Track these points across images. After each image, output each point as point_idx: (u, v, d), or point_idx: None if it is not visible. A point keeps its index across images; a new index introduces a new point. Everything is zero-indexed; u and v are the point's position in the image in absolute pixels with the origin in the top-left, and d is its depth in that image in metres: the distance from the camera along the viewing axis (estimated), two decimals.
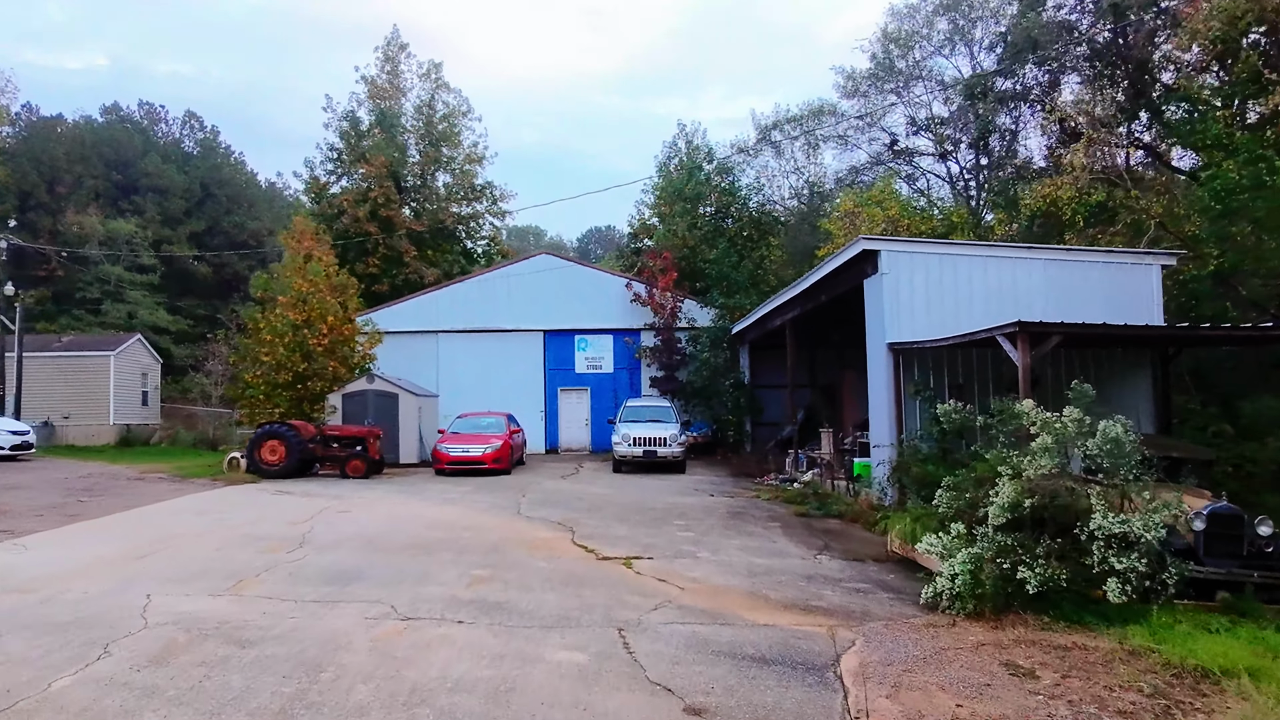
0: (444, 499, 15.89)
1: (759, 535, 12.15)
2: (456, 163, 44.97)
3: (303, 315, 23.83)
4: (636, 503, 15.45)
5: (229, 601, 7.92)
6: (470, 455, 20.53)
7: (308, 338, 23.50)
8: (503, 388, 28.96)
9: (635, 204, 61.66)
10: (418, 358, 29.22)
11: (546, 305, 29.73)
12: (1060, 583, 7.75)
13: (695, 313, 29.12)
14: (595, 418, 29.43)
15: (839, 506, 14.33)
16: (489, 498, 16.11)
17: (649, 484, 18.84)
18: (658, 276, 29.35)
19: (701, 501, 15.83)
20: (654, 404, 24.00)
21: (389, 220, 38.14)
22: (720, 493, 17.35)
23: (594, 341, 29.94)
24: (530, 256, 30.90)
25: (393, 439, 23.49)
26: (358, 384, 23.65)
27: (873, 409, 14.12)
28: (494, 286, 29.98)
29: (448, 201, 44.18)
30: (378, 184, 37.64)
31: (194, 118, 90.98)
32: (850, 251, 13.95)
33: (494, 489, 17.69)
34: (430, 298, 30.08)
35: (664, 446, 21.08)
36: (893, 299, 13.29)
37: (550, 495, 16.62)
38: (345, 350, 24.10)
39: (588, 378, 29.88)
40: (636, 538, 11.75)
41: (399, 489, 17.70)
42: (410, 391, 23.94)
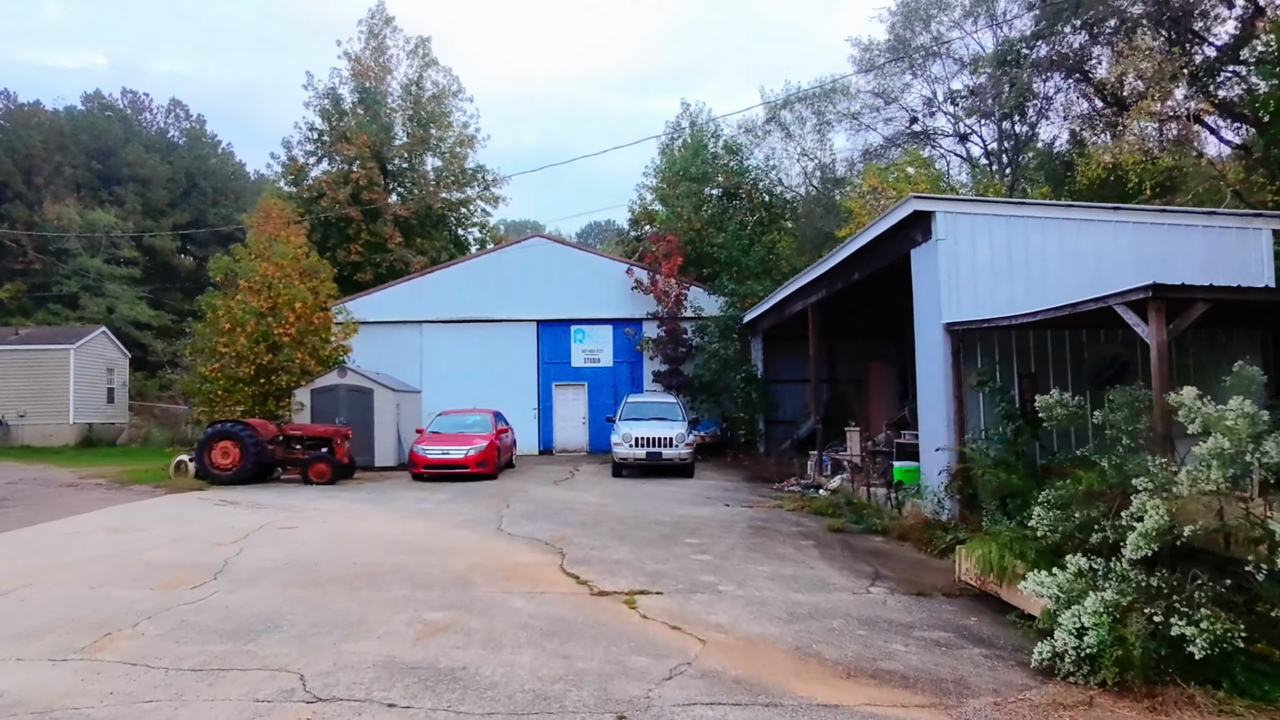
0: (415, 510, 13.71)
1: (792, 559, 9.98)
2: (446, 145, 42.84)
3: (268, 302, 21.68)
4: (639, 515, 13.28)
5: (72, 671, 5.74)
6: (450, 458, 18.36)
7: (272, 327, 21.36)
8: (492, 383, 26.80)
9: (635, 188, 59.43)
10: (399, 350, 27.05)
11: (540, 293, 27.56)
12: (1235, 642, 5.59)
13: (702, 301, 26.94)
14: (593, 416, 27.26)
15: (881, 521, 12.15)
16: (467, 508, 13.94)
17: (653, 491, 16.68)
18: (661, 262, 27.17)
19: (716, 513, 13.66)
20: (658, 400, 21.83)
21: (372, 204, 35.96)
22: (736, 502, 15.18)
23: (592, 332, 27.76)
24: (522, 240, 28.75)
25: (367, 439, 21.33)
26: (328, 378, 21.49)
27: (923, 404, 11.95)
28: (482, 272, 27.80)
29: (437, 187, 42.01)
30: (360, 165, 35.44)
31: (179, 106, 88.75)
32: (897, 214, 11.76)
33: (475, 497, 15.53)
34: (413, 285, 27.91)
35: (670, 447, 18.91)
36: (950, 270, 11.11)
37: (539, 505, 14.45)
38: (315, 341, 21.94)
39: (585, 372, 27.71)
40: (641, 562, 9.58)
41: (366, 497, 15.53)
42: (387, 386, 21.77)
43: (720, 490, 17.04)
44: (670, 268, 26.90)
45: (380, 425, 21.53)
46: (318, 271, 23.04)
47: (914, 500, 12.36)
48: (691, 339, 26.68)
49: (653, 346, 26.89)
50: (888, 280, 15.38)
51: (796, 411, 26.33)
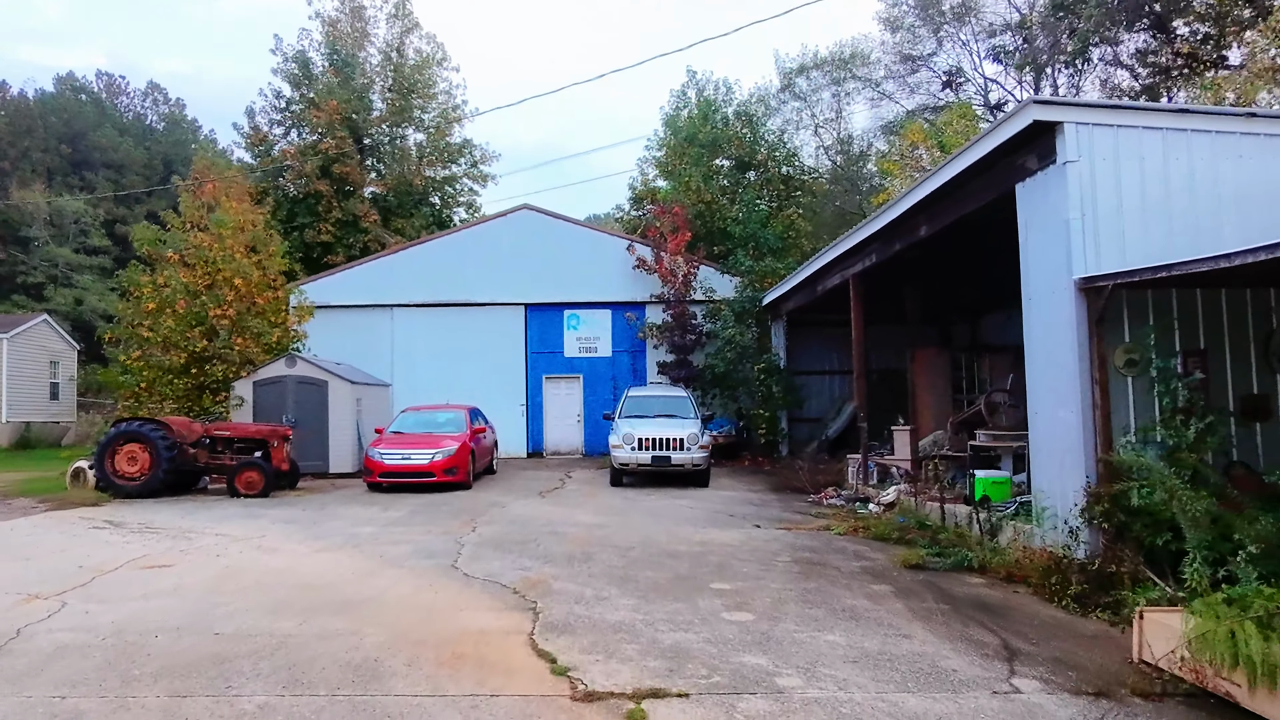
0: (349, 536, 10.61)
1: (872, 618, 6.89)
2: (429, 118, 39.69)
3: (204, 279, 18.58)
4: (646, 542, 10.19)
5: None
6: (412, 464, 15.27)
7: (208, 307, 18.25)
8: (473, 375, 23.71)
9: (637, 163, 56.10)
10: (367, 338, 23.96)
11: (529, 272, 24.44)
12: None
13: (714, 281, 23.83)
14: (589, 413, 24.16)
15: (974, 554, 9.03)
16: (421, 532, 10.85)
17: (662, 505, 13.60)
18: (667, 237, 24.06)
19: (746, 539, 10.56)
20: (666, 393, 18.73)
21: (345, 179, 32.83)
22: (768, 521, 12.08)
23: (588, 318, 24.65)
24: (508, 212, 25.64)
25: (320, 441, 18.25)
26: (273, 368, 18.39)
27: (1037, 393, 8.85)
28: (463, 249, 24.68)
29: (420, 163, 38.88)
30: (330, 134, 32.27)
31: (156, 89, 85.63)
32: (1005, 131, 8.62)
33: (436, 515, 12.43)
34: (383, 263, 24.78)
35: (680, 450, 15.81)
36: (1085, 205, 8.01)
37: (516, 527, 11.35)
38: (259, 325, 18.81)
39: (580, 363, 24.60)
40: (651, 628, 6.49)
41: (297, 515, 12.44)
42: (345, 378, 18.67)
43: (744, 504, 13.94)
44: (677, 243, 23.80)
45: (336, 424, 18.44)
46: (266, 243, 19.90)
47: (1016, 524, 9.26)
48: (702, 325, 23.59)
49: (657, 333, 23.79)
50: (963, 237, 12.31)
51: (824, 407, 23.24)
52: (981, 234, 12.61)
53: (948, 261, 16.08)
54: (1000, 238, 12.95)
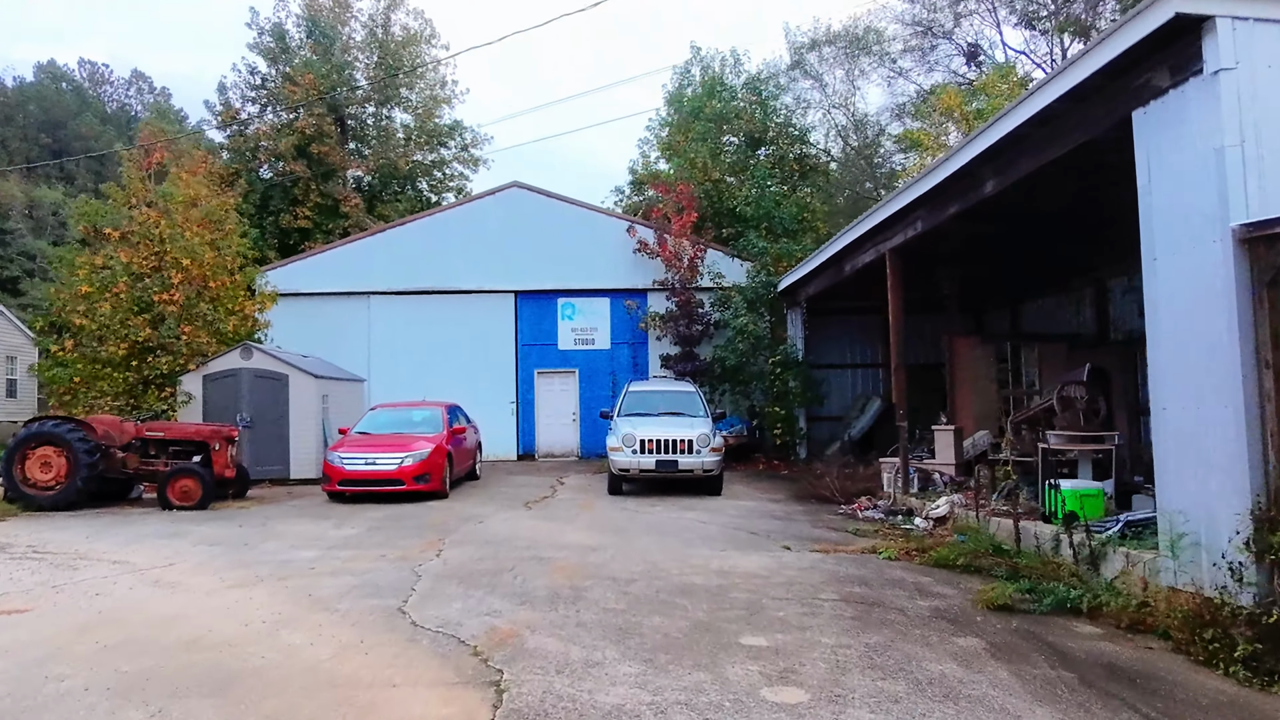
0: (280, 564, 8.60)
1: (973, 698, 4.90)
2: (417, 99, 37.69)
3: (149, 260, 16.59)
4: (651, 572, 8.19)
5: None
6: (377, 470, 13.28)
7: (151, 291, 16.26)
8: (458, 370, 21.74)
9: (638, 144, 53.95)
10: (341, 329, 21.96)
11: (520, 257, 22.44)
12: None
13: (724, 266, 21.82)
14: (586, 411, 22.17)
15: (1077, 591, 7.03)
16: (371, 558, 8.85)
17: (669, 519, 11.60)
18: (671, 218, 22.08)
19: (777, 565, 8.56)
20: (672, 388, 16.73)
21: (323, 160, 30.80)
22: (799, 540, 10.08)
23: (584, 306, 22.66)
24: (497, 190, 23.64)
25: (279, 443, 16.27)
26: (226, 360, 16.39)
27: (1163, 382, 6.82)
28: (447, 231, 22.67)
29: (408, 146, 36.87)
30: (307, 111, 30.24)
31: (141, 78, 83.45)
32: (1131, 34, 6.58)
33: (397, 532, 10.44)
34: (360, 246, 22.76)
35: (689, 454, 13.80)
36: (1245, 125, 6.00)
37: (490, 550, 9.34)
38: (213, 312, 16.79)
39: (576, 356, 22.59)
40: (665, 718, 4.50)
41: (228, 535, 10.44)
42: (309, 371, 16.66)
43: (766, 518, 11.93)
44: (683, 225, 21.81)
45: (298, 423, 16.43)
46: (223, 221, 17.88)
47: (1128, 552, 7.25)
48: (710, 313, 21.59)
49: (661, 323, 21.79)
50: (1036, 195, 10.33)
51: (845, 404, 21.26)
52: (1052, 191, 10.63)
53: (990, 240, 14.09)
54: (1077, 194, 11.02)
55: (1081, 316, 16.66)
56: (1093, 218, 12.31)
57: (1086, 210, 11.84)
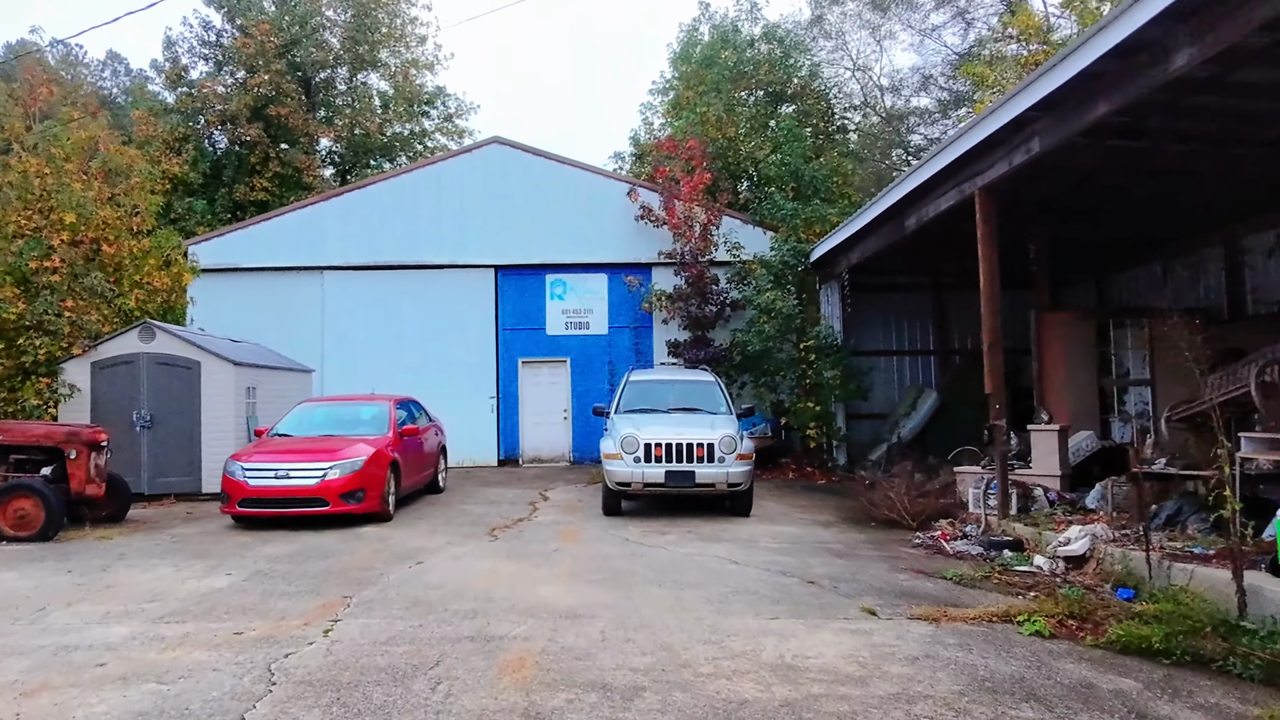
0: (59, 650, 5.41)
1: None
2: (395, 65, 34.41)
3: (25, 219, 13.39)
4: (668, 672, 4.99)
5: None
6: (290, 485, 10.05)
7: (26, 256, 13.06)
8: (428, 359, 18.57)
9: (640, 109, 50.31)
10: (290, 310, 18.76)
11: (501, 226, 19.20)
12: None
13: (743, 235, 18.57)
14: (579, 407, 18.93)
15: None
16: (209, 643, 5.64)
17: (687, 558, 8.38)
18: (680, 179, 18.83)
19: (872, 654, 5.34)
20: (685, 378, 13.48)
21: (283, 124, 27.54)
22: (885, 596, 6.85)
23: (577, 284, 19.41)
24: (475, 147, 20.44)
25: (188, 448, 13.07)
26: (120, 343, 13.18)
27: None
28: (414, 195, 19.42)
29: (385, 115, 33.58)
30: (263, 66, 26.95)
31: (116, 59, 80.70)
32: None
33: (287, 585, 7.22)
34: (310, 213, 19.48)
35: (711, 463, 10.56)
36: None
37: (411, 620, 6.14)
38: (102, 284, 13.55)
39: (567, 342, 19.35)
40: None
41: (30, 589, 7.24)
42: (227, 358, 13.44)
43: (821, 551, 8.69)
44: (694, 187, 18.56)
45: (213, 423, 13.20)
46: (128, 173, 14.66)
47: None
48: (727, 290, 18.36)
49: (668, 303, 18.55)
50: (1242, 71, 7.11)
51: (890, 399, 18.03)
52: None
53: (1099, 183, 10.87)
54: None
55: (1204, 285, 13.43)
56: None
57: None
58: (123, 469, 12.60)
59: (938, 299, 18.29)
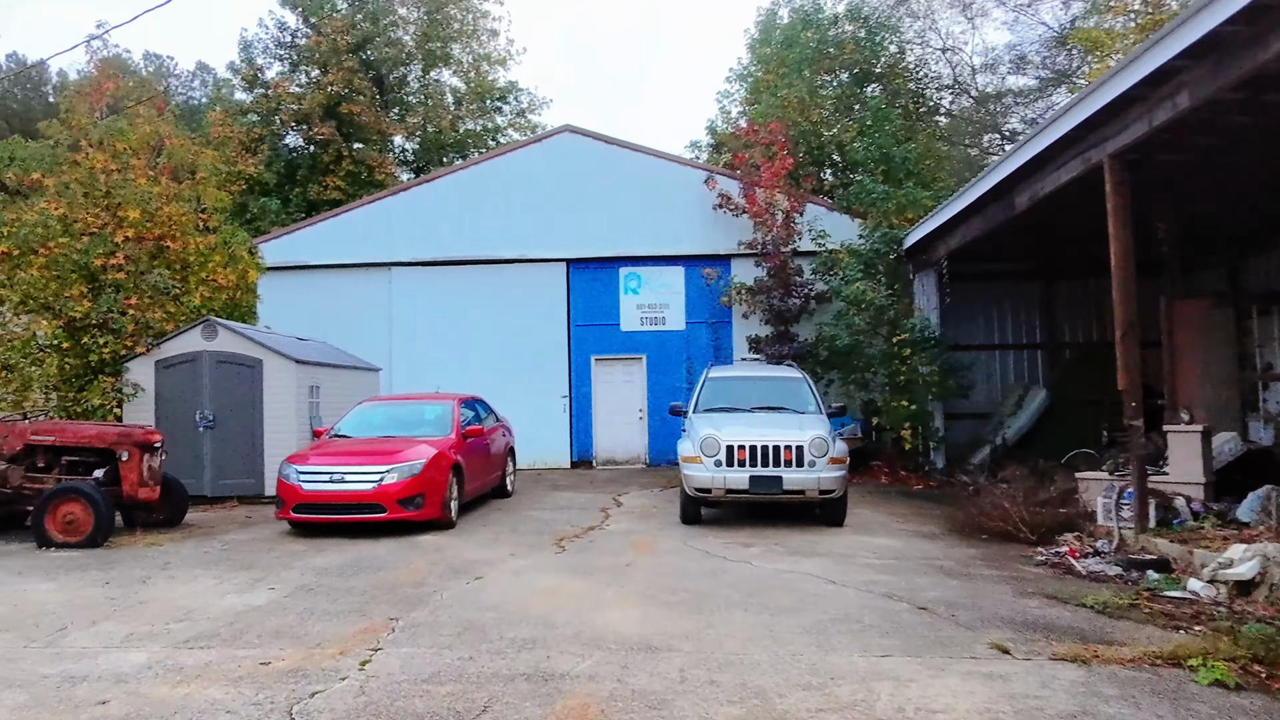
0: (63, 683, 4.82)
1: None
2: (467, 61, 34.25)
3: (92, 216, 13.24)
4: None
5: None
6: (346, 490, 9.47)
7: (93, 253, 12.89)
8: (498, 357, 18.03)
9: (717, 98, 49.12)
10: (359, 308, 18.47)
11: (573, 218, 18.52)
12: None
13: (829, 223, 17.47)
14: (655, 406, 18.12)
15: None
16: (231, 673, 4.97)
17: (777, 576, 7.45)
18: (761, 165, 17.84)
19: (1014, 708, 4.32)
20: (769, 374, 12.53)
21: (355, 122, 27.49)
22: (1014, 627, 5.81)
23: (652, 277, 18.60)
24: (545, 136, 19.84)
25: (251, 449, 12.69)
26: (183, 341, 12.89)
27: None
28: (483, 188, 18.89)
29: (457, 110, 33.39)
30: (335, 62, 26.94)
31: (205, 69, 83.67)
32: None
33: (329, 603, 6.56)
34: (378, 208, 19.12)
35: (800, 467, 9.59)
36: None
37: (459, 650, 5.38)
38: (166, 280, 13.27)
39: (643, 339, 18.55)
40: None
41: (55, 606, 6.75)
42: (289, 356, 13.03)
43: (930, 569, 7.64)
44: (775, 173, 17.54)
45: (275, 424, 12.81)
46: (194, 168, 14.45)
47: None
48: (811, 282, 17.29)
49: (748, 297, 17.60)
50: None
51: (991, 398, 16.72)
52: None
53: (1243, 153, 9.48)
54: None
55: None
56: None
57: None
58: (185, 470, 12.33)
59: (1046, 288, 16.86)
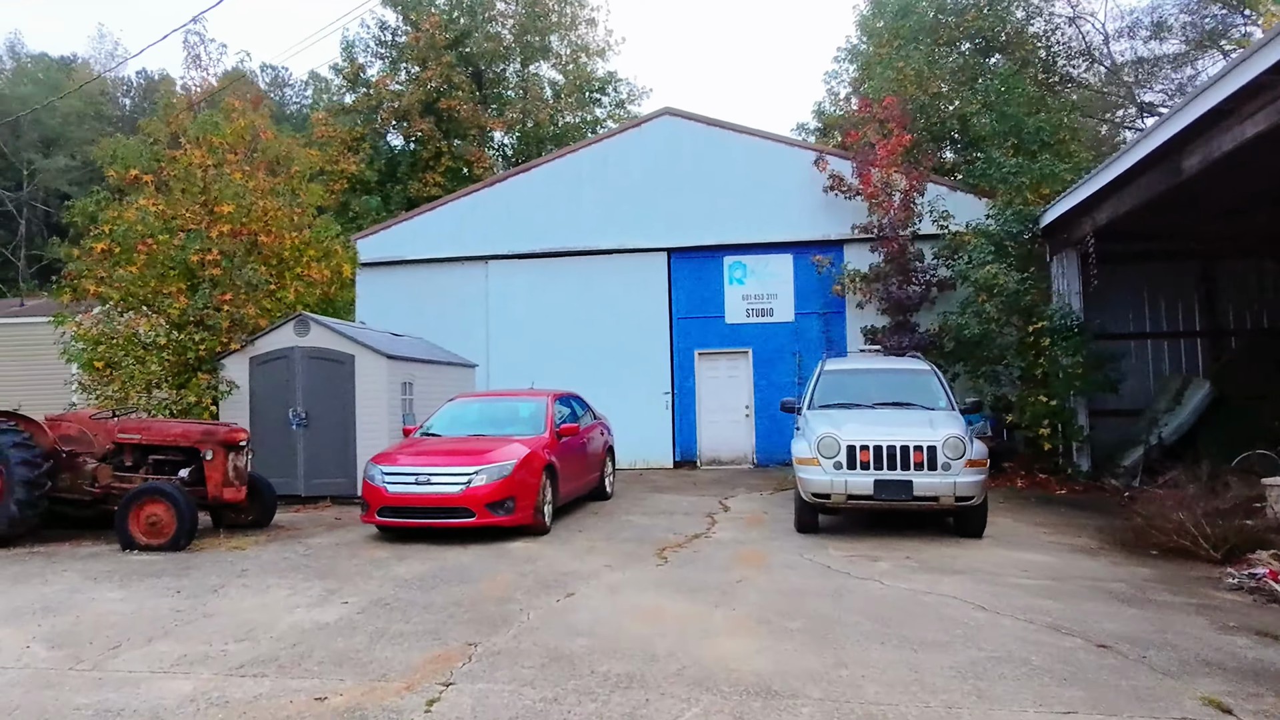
0: (98, 713, 4.22)
1: None
2: (566, 53, 33.85)
3: (189, 213, 13.17)
4: None
5: None
6: (431, 492, 8.85)
7: (189, 249, 12.80)
8: (597, 351, 17.37)
9: (823, 79, 47.38)
10: (455, 303, 18.12)
11: (673, 205, 17.68)
12: None
13: (951, 203, 16.10)
14: (762, 403, 17.12)
15: None
16: (282, 709, 4.29)
17: (912, 599, 6.41)
18: (876, 143, 16.59)
19: None
20: (893, 366, 11.35)
21: (454, 117, 27.36)
22: (1230, 677, 4.66)
23: (759, 266, 17.57)
24: (643, 121, 19.05)
25: (343, 447, 12.33)
26: (276, 337, 12.64)
27: None
28: (579, 176, 18.24)
29: (556, 103, 33.02)
30: (433, 58, 26.86)
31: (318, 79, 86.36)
32: None
33: (404, 622, 5.89)
34: (473, 202, 18.68)
35: (934, 471, 8.46)
36: None
37: (542, 687, 4.59)
38: (257, 275, 13.06)
39: (748, 331, 17.55)
40: None
41: (118, 617, 6.31)
42: (381, 351, 12.63)
43: (1099, 594, 6.45)
44: (891, 150, 16.26)
45: (366, 420, 12.43)
46: (290, 160, 14.28)
47: None
48: (934, 267, 15.96)
49: (863, 285, 16.38)
50: None
51: (1140, 392, 15.04)
52: None
53: None
54: None
55: None
56: None
57: None
58: (278, 469, 12.10)
59: (1205, 267, 15.05)
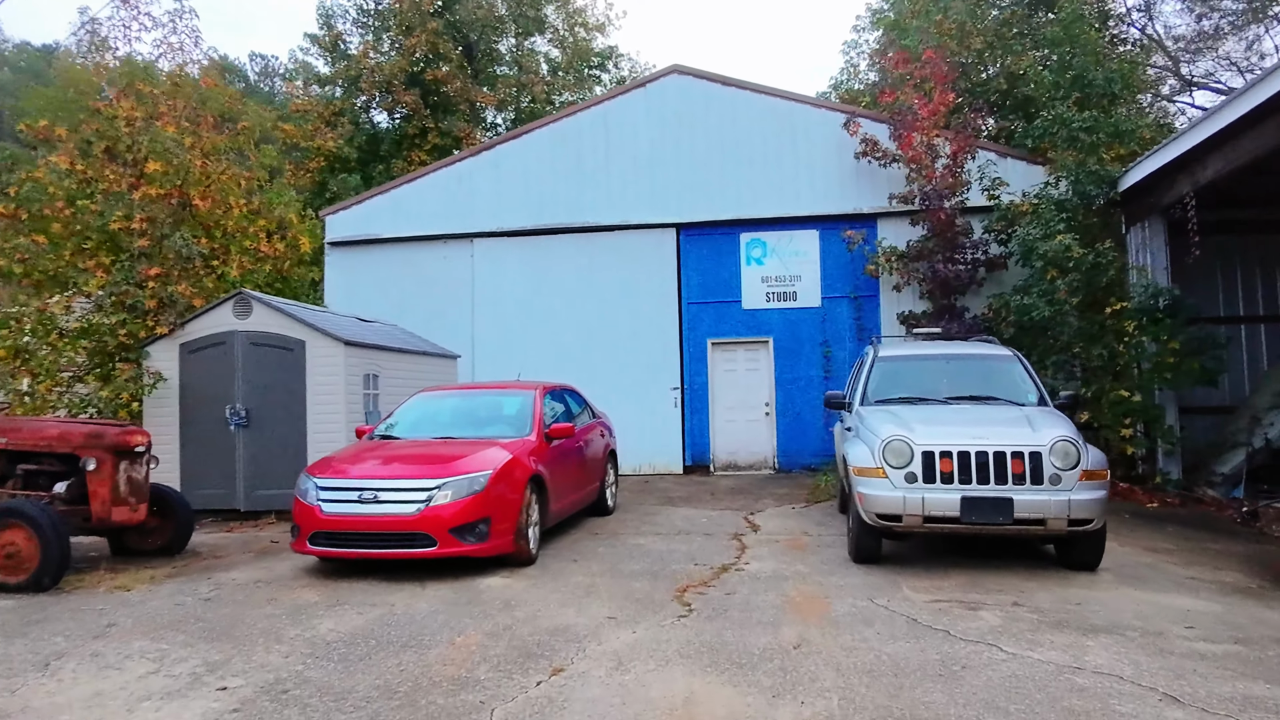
0: None
1: None
2: (563, 26, 31.94)
3: (116, 175, 11.20)
4: None
5: None
6: (378, 515, 6.86)
7: (109, 215, 10.83)
8: (597, 341, 15.45)
9: (843, 49, 45.06)
10: (436, 287, 16.16)
11: (683, 174, 15.72)
12: None
13: (1003, 170, 14.12)
14: (784, 399, 15.16)
15: None
16: None
17: (1055, 679, 4.42)
18: (917, 102, 14.60)
19: None
20: (966, 351, 9.27)
21: (440, 90, 25.33)
22: None
23: (780, 243, 15.59)
24: (649, 80, 17.05)
25: (289, 450, 10.36)
26: (211, 319, 10.66)
27: None
28: (578, 143, 16.25)
29: (554, 85, 31.03)
30: (420, 25, 24.86)
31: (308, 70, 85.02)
32: None
33: None
34: (457, 173, 16.68)
35: (1038, 486, 6.46)
36: None
37: None
38: (186, 245, 11.06)
39: (769, 318, 15.56)
40: None
41: None
42: (337, 336, 10.64)
43: None
44: (934, 110, 14.27)
45: (320, 419, 10.45)
46: (235, 116, 12.30)
47: None
48: (985, 242, 13.98)
49: (901, 265, 14.38)
50: None
51: (1238, 386, 13.05)
52: None
53: None
54: None
55: None
56: None
57: None
58: (213, 479, 10.21)
59: (1274, 253, 13.08)
